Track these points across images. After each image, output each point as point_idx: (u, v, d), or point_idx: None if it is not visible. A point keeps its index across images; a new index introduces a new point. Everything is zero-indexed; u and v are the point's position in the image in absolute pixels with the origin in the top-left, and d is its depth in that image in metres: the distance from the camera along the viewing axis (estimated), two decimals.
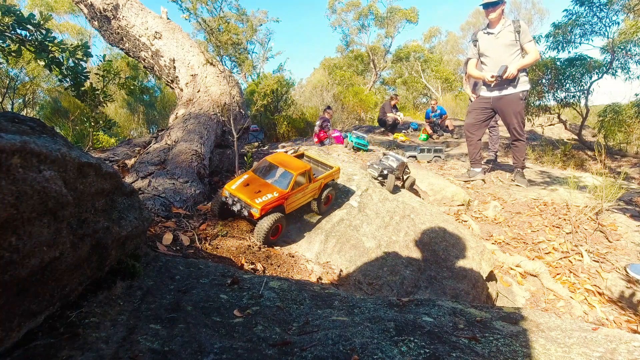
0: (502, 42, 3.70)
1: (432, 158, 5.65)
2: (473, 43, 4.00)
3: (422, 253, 2.33)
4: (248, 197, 1.99)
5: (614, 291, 2.47)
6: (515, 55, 3.69)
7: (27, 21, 2.98)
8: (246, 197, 1.98)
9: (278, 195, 2.04)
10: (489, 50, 3.82)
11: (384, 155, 3.24)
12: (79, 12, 10.19)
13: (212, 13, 13.65)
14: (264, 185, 2.11)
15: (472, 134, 4.15)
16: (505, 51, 3.71)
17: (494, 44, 3.77)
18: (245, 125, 4.52)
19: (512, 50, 3.69)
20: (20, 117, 0.85)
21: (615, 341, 0.89)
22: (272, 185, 2.12)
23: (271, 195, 2.02)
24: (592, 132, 9.01)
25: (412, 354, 0.81)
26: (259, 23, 15.93)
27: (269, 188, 2.08)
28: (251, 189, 2.07)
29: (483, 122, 4.08)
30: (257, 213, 1.94)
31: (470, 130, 4.15)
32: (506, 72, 3.58)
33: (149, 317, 0.93)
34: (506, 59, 3.69)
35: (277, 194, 2.04)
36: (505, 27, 3.69)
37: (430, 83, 18.35)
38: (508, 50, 3.70)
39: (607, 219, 3.15)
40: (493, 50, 3.79)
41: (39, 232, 0.68)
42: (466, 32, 22.56)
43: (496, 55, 3.77)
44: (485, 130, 4.22)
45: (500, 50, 3.73)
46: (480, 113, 4.03)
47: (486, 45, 3.84)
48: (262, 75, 12.60)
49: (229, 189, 2.08)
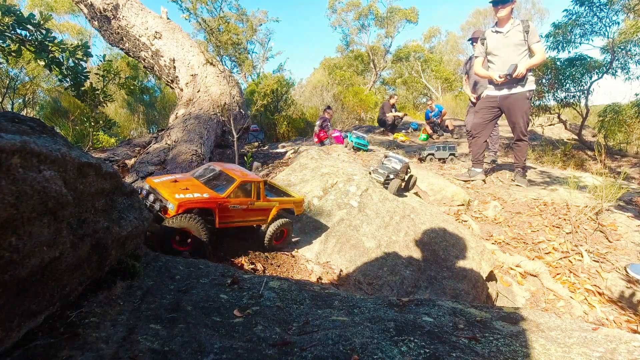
0: (511, 41, 3.71)
1: (448, 156, 5.78)
2: (481, 42, 3.99)
3: (422, 253, 2.33)
4: (169, 191, 1.65)
5: (614, 291, 2.47)
6: (523, 55, 3.71)
7: (27, 21, 2.98)
8: (166, 192, 1.65)
9: (208, 197, 1.70)
10: (498, 49, 3.82)
11: (386, 157, 3.18)
12: (79, 12, 10.19)
13: (212, 13, 13.65)
14: (196, 185, 1.80)
15: (479, 134, 4.15)
16: (514, 50, 3.72)
17: (502, 42, 3.78)
18: (245, 125, 4.52)
19: (520, 49, 3.70)
20: (20, 117, 0.85)
21: (615, 341, 0.89)
22: (206, 187, 1.80)
23: (199, 194, 1.68)
24: (592, 132, 9.01)
25: (412, 354, 0.81)
26: (258, 23, 15.94)
27: (201, 189, 1.75)
28: (178, 185, 1.74)
29: (490, 122, 4.08)
30: (173, 210, 1.58)
31: (477, 129, 4.14)
32: (516, 70, 3.58)
33: (149, 317, 0.93)
34: (515, 58, 3.70)
35: (208, 195, 1.70)
36: (514, 26, 3.71)
37: (430, 83, 18.35)
38: (517, 49, 3.71)
39: (607, 219, 3.15)
40: (502, 49, 3.79)
41: (39, 232, 0.68)
42: (466, 32, 22.54)
43: (505, 54, 3.78)
44: (491, 131, 4.22)
45: (509, 50, 3.74)
46: (487, 112, 4.04)
47: (495, 44, 3.84)
48: (262, 75, 12.59)
49: (150, 181, 1.76)
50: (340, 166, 3.15)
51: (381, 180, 2.99)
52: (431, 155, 5.90)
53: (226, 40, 12.84)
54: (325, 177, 2.85)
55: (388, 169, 3.00)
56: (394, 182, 2.92)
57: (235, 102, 4.50)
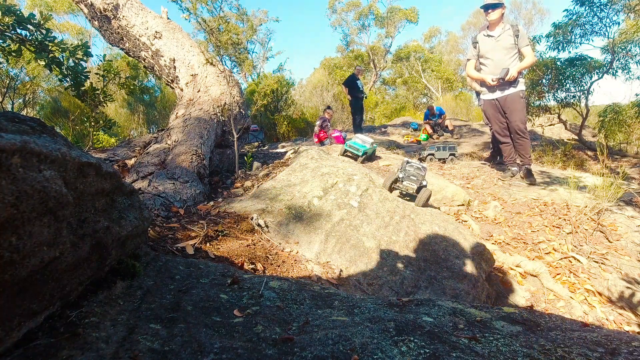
0: (503, 45, 3.84)
1: (448, 156, 5.80)
2: (473, 45, 4.11)
3: (422, 253, 2.33)
4: None
5: (613, 291, 2.47)
6: (514, 58, 3.85)
7: (27, 21, 2.98)
8: None
9: None
10: (490, 52, 3.94)
11: (408, 162, 3.00)
12: (79, 12, 10.18)
13: (212, 13, 13.66)
14: None
15: (505, 139, 4.18)
16: (506, 54, 3.85)
17: (494, 46, 3.90)
18: (246, 125, 4.52)
19: (511, 53, 3.84)
20: (20, 116, 0.85)
21: (615, 341, 0.89)
22: None
23: None
24: (592, 132, 9.01)
25: (412, 354, 0.81)
26: (259, 23, 15.94)
27: None
28: None
29: (505, 124, 4.12)
30: None
31: (501, 134, 4.19)
32: (508, 74, 3.72)
33: (149, 317, 0.93)
34: (506, 61, 3.84)
35: None
36: (505, 30, 3.84)
37: (431, 83, 18.36)
38: (508, 53, 3.84)
39: (607, 219, 3.15)
40: (493, 52, 3.92)
41: (39, 232, 0.68)
42: (467, 32, 22.56)
43: (497, 57, 3.90)
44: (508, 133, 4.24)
45: (500, 53, 3.87)
46: (499, 116, 4.11)
47: (486, 47, 3.96)
48: (262, 75, 12.60)
49: None
50: (341, 166, 3.15)
51: (414, 188, 2.86)
52: (431, 156, 5.92)
53: (226, 40, 12.84)
54: (326, 177, 2.85)
55: (418, 176, 2.85)
56: (425, 192, 2.77)
57: (236, 102, 4.50)
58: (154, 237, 1.71)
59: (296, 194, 2.61)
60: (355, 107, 8.53)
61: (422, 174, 2.90)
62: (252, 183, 3.26)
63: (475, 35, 4.16)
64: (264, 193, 2.67)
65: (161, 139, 3.46)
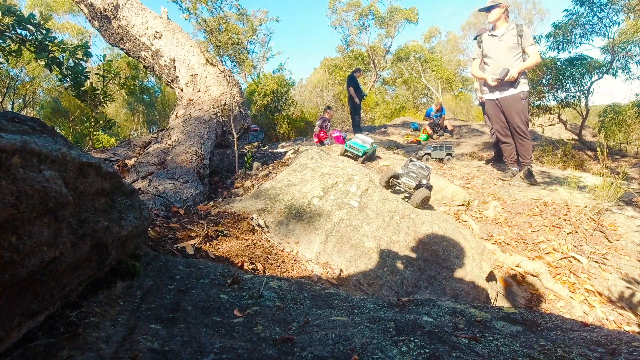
0: (505, 44, 3.84)
1: (445, 156, 5.80)
2: (477, 44, 4.15)
3: (422, 253, 2.33)
4: None
5: (613, 291, 2.47)
6: (517, 57, 3.83)
7: (27, 21, 2.98)
8: None
9: None
10: (492, 52, 3.95)
11: (411, 161, 3.02)
12: (79, 12, 10.19)
13: (212, 13, 13.66)
14: None
15: (506, 139, 4.20)
16: (508, 53, 3.83)
17: (497, 46, 3.91)
18: (246, 125, 4.52)
19: (514, 52, 3.82)
20: (20, 116, 0.85)
21: (615, 341, 0.89)
22: None
23: None
24: (592, 132, 9.01)
25: (412, 354, 0.81)
26: (259, 23, 15.93)
27: None
28: None
29: (506, 123, 4.13)
30: None
31: (502, 134, 4.20)
32: (507, 75, 3.72)
33: (149, 317, 0.93)
34: (508, 61, 3.83)
35: None
36: (508, 30, 3.83)
37: (431, 83, 18.35)
38: (511, 52, 3.82)
39: (607, 219, 3.15)
40: (496, 52, 3.92)
41: (39, 232, 0.68)
42: (467, 32, 22.55)
43: (499, 57, 3.90)
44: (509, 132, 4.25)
45: (503, 53, 3.86)
46: (500, 115, 4.11)
47: (490, 47, 3.98)
48: (262, 75, 12.60)
49: None
50: (341, 166, 3.15)
51: (412, 185, 2.86)
52: (427, 155, 5.93)
53: (226, 40, 12.84)
54: (326, 177, 2.85)
55: (419, 174, 2.85)
56: (422, 192, 2.74)
57: (236, 102, 4.50)
58: (154, 237, 1.71)
59: (296, 194, 2.61)
60: (355, 107, 8.61)
61: (424, 173, 2.91)
62: (252, 183, 3.26)
63: (480, 35, 4.19)
64: (264, 193, 2.67)
65: (161, 139, 3.46)
